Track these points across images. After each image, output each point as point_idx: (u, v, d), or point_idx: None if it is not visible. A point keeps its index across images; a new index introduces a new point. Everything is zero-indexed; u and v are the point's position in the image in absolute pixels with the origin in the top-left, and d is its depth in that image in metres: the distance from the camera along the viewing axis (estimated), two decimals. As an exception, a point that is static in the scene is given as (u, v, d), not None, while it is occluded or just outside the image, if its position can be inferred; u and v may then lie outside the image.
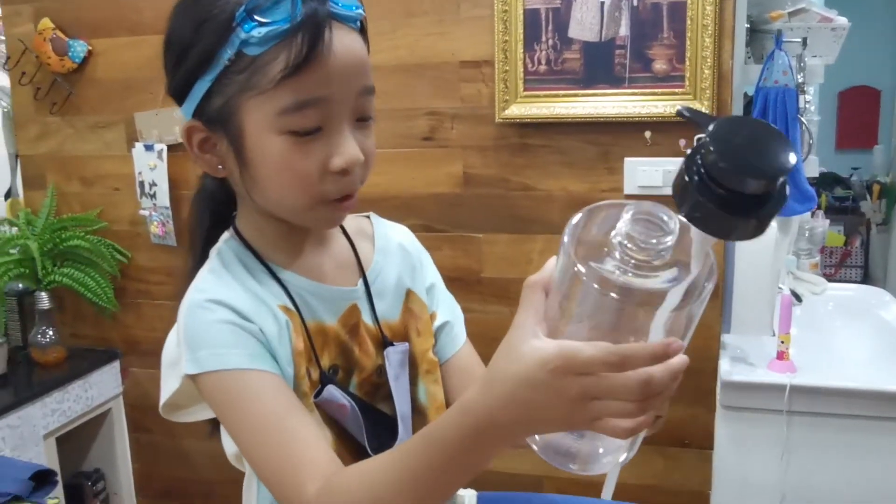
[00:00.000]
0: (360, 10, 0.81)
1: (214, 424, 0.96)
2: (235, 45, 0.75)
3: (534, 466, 1.92)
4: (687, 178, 0.61)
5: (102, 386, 2.09)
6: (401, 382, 0.95)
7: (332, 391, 0.87)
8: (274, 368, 0.81)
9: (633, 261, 0.56)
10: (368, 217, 1.02)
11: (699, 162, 0.60)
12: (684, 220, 0.58)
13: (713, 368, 1.72)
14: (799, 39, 2.07)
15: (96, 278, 2.07)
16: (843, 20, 2.20)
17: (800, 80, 2.06)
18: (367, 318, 0.94)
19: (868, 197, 4.54)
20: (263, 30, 0.74)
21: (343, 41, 0.78)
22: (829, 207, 4.43)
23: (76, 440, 2.11)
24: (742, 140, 0.61)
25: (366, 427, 0.89)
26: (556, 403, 0.58)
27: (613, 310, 0.56)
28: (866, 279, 4.48)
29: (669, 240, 0.56)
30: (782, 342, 1.66)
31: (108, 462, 2.19)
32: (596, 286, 0.55)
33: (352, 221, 0.99)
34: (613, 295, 0.55)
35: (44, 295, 2.04)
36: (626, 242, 0.56)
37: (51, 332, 2.05)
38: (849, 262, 4.63)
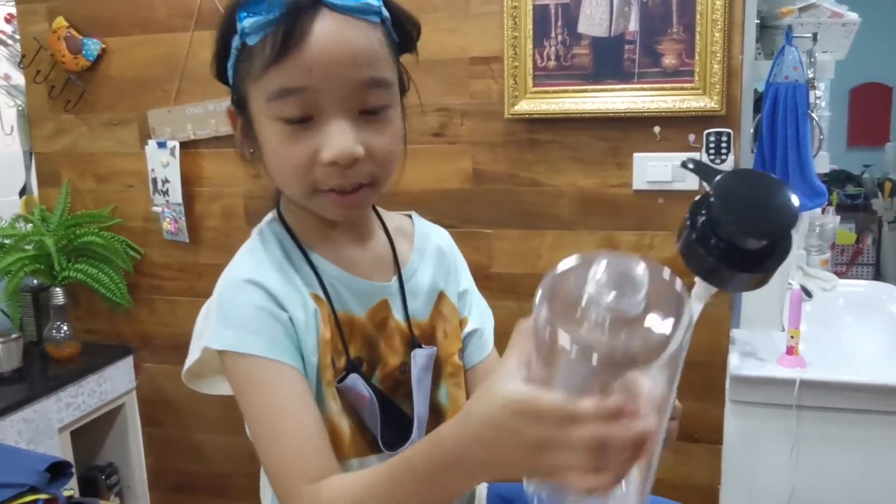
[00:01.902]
0: (370, 1, 0.80)
1: None
2: (239, 34, 0.80)
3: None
4: (692, 234, 0.63)
5: (116, 381, 2.11)
6: (423, 386, 0.96)
7: (354, 380, 0.88)
8: (294, 361, 0.83)
9: (606, 319, 0.54)
10: (410, 216, 1.04)
11: (704, 218, 0.62)
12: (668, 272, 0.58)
13: (723, 363, 1.72)
14: (809, 35, 2.07)
15: (110, 274, 2.09)
16: (853, 16, 2.19)
17: (810, 76, 2.06)
18: (398, 314, 0.95)
19: (880, 194, 4.51)
20: (252, 20, 0.78)
21: (332, 29, 0.78)
22: (841, 205, 4.41)
23: (90, 434, 2.13)
24: (746, 196, 0.62)
25: (381, 421, 0.90)
26: (515, 447, 0.58)
27: (585, 369, 0.54)
28: (878, 277, 4.45)
29: (641, 295, 0.55)
30: (792, 337, 1.66)
31: (122, 456, 2.21)
32: (569, 347, 0.54)
33: (393, 220, 1.01)
34: (587, 356, 0.54)
35: (58, 291, 2.06)
36: (597, 302, 0.55)
37: (65, 328, 2.08)
38: (860, 260, 4.61)
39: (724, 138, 1.65)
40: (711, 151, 1.65)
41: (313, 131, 0.80)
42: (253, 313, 0.82)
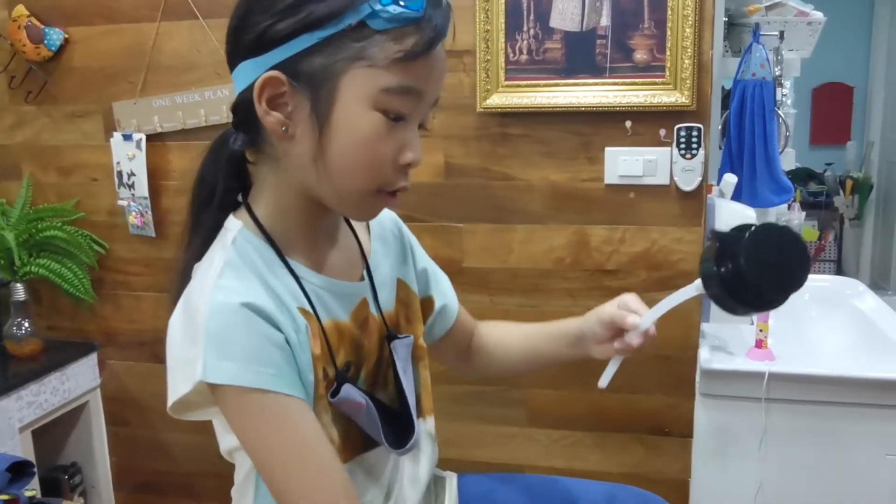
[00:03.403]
0: None
1: None
2: (363, 13, 0.75)
3: (513, 455, 1.93)
4: (716, 268, 0.81)
5: (79, 378, 2.07)
6: (408, 374, 0.96)
7: (349, 390, 0.86)
8: (299, 391, 0.80)
9: None
10: None
11: (729, 266, 0.79)
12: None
13: (693, 357, 1.73)
14: (776, 33, 2.10)
15: (73, 269, 2.04)
16: (818, 14, 2.23)
17: (777, 74, 2.09)
18: (373, 309, 0.95)
19: (841, 192, 4.60)
20: (398, 10, 0.75)
21: (443, 49, 0.82)
22: (804, 203, 4.48)
23: (52, 433, 2.08)
24: (771, 258, 0.78)
25: (381, 421, 0.89)
26: None
27: None
28: (840, 273, 4.54)
29: None
30: (761, 331, 1.68)
31: (86, 455, 2.17)
32: None
33: None
34: None
35: (19, 286, 2.01)
36: None
37: (26, 324, 2.03)
38: (822, 257, 4.69)
39: (695, 133, 1.66)
40: (682, 146, 1.67)
41: (399, 132, 0.80)
42: (253, 342, 0.77)
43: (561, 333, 1.09)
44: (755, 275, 0.78)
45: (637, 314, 0.97)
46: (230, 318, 0.77)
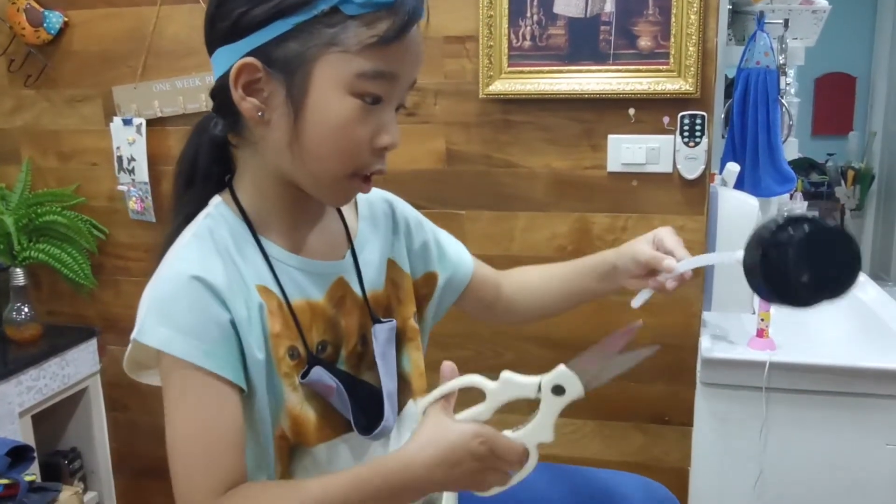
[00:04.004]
0: None
1: None
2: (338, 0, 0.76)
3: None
4: (762, 250, 0.79)
5: (79, 364, 2.07)
6: (387, 360, 0.95)
7: (319, 373, 0.87)
8: (227, 372, 0.80)
9: None
10: None
11: (775, 254, 0.77)
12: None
13: (693, 345, 1.73)
14: (781, 21, 2.09)
15: (73, 254, 2.04)
16: (823, 3, 2.22)
17: (781, 62, 2.08)
18: (355, 289, 0.94)
19: (843, 182, 4.60)
20: None
21: (422, 25, 0.82)
22: (805, 193, 4.47)
23: (52, 418, 2.08)
24: (820, 262, 0.76)
25: (352, 406, 0.89)
26: (472, 466, 0.77)
27: None
28: (840, 264, 4.53)
29: None
30: (762, 320, 1.67)
31: (86, 440, 2.17)
32: None
33: None
34: None
35: (19, 271, 2.01)
36: None
37: (26, 309, 2.02)
38: (823, 247, 4.68)
39: (699, 121, 1.65)
40: (686, 134, 1.66)
41: (376, 114, 0.81)
42: (192, 315, 0.79)
43: (590, 267, 1.11)
44: (797, 273, 0.78)
45: (673, 254, 0.98)
46: (177, 288, 0.80)
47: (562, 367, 0.80)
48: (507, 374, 0.82)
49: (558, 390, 0.80)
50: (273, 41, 0.78)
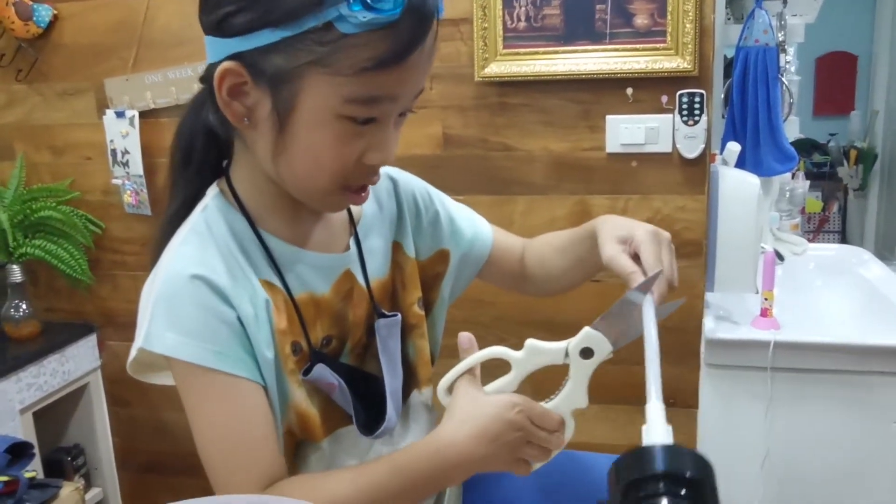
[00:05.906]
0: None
1: None
2: (330, 15, 0.68)
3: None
4: None
5: (79, 360, 2.05)
6: (392, 356, 0.92)
7: (321, 370, 0.84)
8: (242, 370, 0.78)
9: None
10: None
11: None
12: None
13: (697, 327, 1.71)
14: (779, -3, 2.06)
15: (70, 250, 2.02)
16: (822, -23, 2.19)
17: (780, 39, 2.05)
18: (360, 279, 0.91)
19: (845, 162, 4.56)
20: (370, 15, 0.67)
21: (430, 44, 0.74)
22: (807, 173, 4.44)
23: (54, 415, 2.07)
24: None
25: (354, 403, 0.87)
26: (513, 438, 0.76)
27: None
28: (844, 244, 4.51)
29: None
30: (766, 299, 1.66)
31: (88, 437, 2.16)
32: None
33: None
34: None
35: (15, 268, 1.99)
36: None
37: (24, 306, 2.01)
38: (827, 228, 4.66)
39: (697, 99, 1.63)
40: (685, 113, 1.63)
41: (368, 133, 0.75)
42: (198, 316, 0.76)
43: (585, 236, 0.99)
44: None
45: (644, 268, 0.85)
46: (179, 289, 0.76)
47: (587, 329, 0.78)
48: (531, 342, 0.80)
49: (587, 353, 0.79)
50: (259, 49, 0.72)
